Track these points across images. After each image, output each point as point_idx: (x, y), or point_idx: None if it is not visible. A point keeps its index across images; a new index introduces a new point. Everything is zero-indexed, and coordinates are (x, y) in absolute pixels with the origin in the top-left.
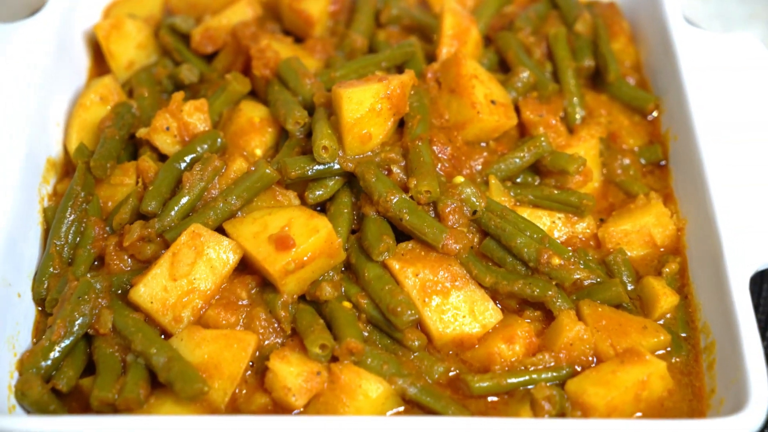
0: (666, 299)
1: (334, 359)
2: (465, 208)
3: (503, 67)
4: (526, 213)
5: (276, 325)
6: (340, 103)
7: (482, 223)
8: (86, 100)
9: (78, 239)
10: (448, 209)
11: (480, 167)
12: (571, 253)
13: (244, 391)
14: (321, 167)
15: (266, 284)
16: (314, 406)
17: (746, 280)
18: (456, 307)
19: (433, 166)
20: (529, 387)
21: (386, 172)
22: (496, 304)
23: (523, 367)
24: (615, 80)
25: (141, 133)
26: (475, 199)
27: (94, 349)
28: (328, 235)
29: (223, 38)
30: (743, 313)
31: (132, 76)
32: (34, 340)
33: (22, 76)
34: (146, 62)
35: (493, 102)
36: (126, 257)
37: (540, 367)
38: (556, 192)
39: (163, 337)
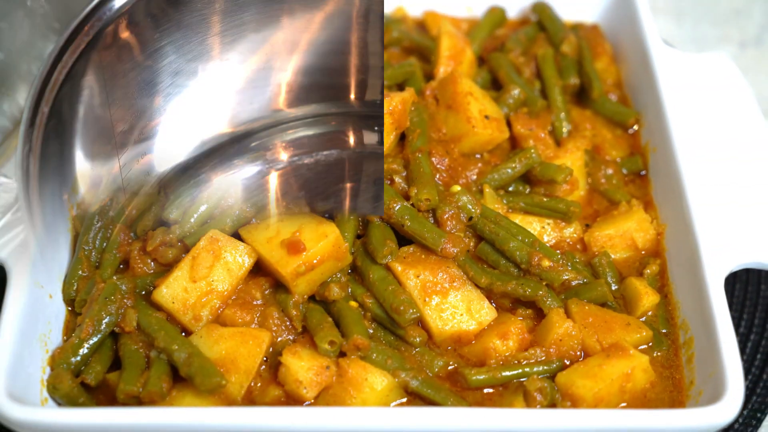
0: (647, 298)
1: (342, 354)
2: (462, 215)
3: (495, 85)
4: (518, 219)
5: (288, 323)
6: None
7: (478, 229)
8: None
9: (105, 245)
10: (446, 216)
11: (475, 177)
12: (559, 256)
13: (259, 384)
14: None
15: (279, 285)
16: (324, 397)
17: (721, 281)
18: (454, 306)
19: (432, 176)
20: (522, 379)
21: (389, 182)
22: (491, 303)
23: (516, 361)
24: (598, 97)
25: None
26: (471, 207)
27: (119, 346)
28: (336, 239)
29: None
30: (719, 311)
31: None
32: (65, 337)
33: None
34: None
35: (486, 117)
36: (149, 261)
37: (532, 361)
38: (545, 200)
39: (183, 334)
